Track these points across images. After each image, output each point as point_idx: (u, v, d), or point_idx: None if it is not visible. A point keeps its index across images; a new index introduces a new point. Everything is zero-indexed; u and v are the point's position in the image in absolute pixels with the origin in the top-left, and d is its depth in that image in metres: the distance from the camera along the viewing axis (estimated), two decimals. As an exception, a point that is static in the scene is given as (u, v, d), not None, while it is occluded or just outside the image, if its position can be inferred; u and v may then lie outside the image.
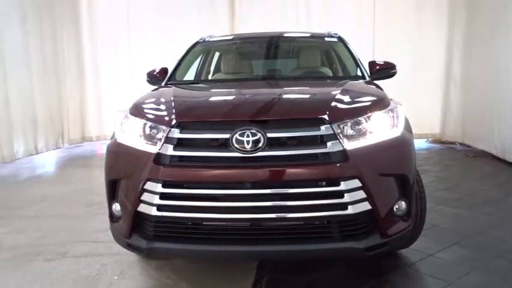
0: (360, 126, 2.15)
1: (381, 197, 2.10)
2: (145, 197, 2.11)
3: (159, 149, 2.11)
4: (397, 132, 2.27)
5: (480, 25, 6.72)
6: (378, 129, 2.20)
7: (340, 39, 3.68)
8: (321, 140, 2.05)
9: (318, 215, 2.03)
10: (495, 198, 4.16)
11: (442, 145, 7.73)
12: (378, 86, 2.92)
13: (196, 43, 3.83)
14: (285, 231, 2.08)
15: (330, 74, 3.47)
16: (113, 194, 2.31)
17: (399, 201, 2.21)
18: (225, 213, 2.05)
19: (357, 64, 3.33)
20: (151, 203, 2.10)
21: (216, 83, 3.57)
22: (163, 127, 2.15)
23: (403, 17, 7.91)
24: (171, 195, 2.09)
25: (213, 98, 2.69)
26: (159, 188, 2.07)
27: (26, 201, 4.39)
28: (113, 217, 2.37)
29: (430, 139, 8.10)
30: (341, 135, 2.06)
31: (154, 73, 3.53)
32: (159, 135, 2.15)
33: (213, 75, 3.90)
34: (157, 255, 2.21)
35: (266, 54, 3.76)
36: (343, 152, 2.04)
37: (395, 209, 2.20)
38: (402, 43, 7.94)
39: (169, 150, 2.09)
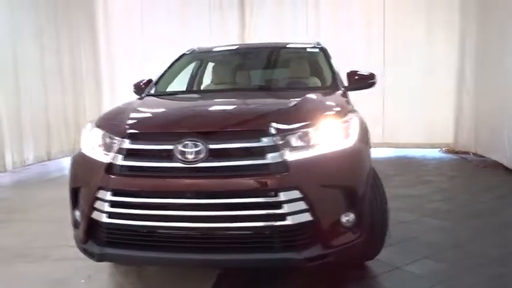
0: (305, 138, 2.18)
1: (323, 208, 2.11)
2: (97, 204, 2.22)
3: (112, 159, 2.22)
4: (347, 143, 2.27)
5: (492, 31, 6.54)
6: (325, 140, 2.21)
7: (322, 49, 3.70)
8: (261, 152, 2.09)
9: (257, 225, 2.07)
10: (488, 211, 4.04)
11: (455, 155, 7.52)
12: (345, 96, 2.93)
13: (183, 55, 3.95)
14: (228, 240, 2.13)
15: (302, 84, 3.49)
16: (74, 201, 2.43)
17: (347, 213, 2.21)
18: (169, 221, 2.12)
19: (333, 75, 3.34)
20: (102, 210, 2.20)
21: (187, 94, 3.64)
22: (117, 138, 2.26)
23: (414, 23, 7.86)
24: (121, 203, 2.18)
25: (168, 110, 2.77)
26: (109, 196, 2.17)
27: (33, 205, 4.66)
28: (75, 223, 2.49)
29: (443, 149, 7.91)
30: (283, 147, 2.10)
31: (141, 84, 3.67)
32: (114, 146, 2.26)
33: (194, 86, 4.00)
34: (109, 261, 2.29)
35: (245, 66, 3.84)
36: (284, 163, 2.07)
37: (343, 221, 2.20)
38: (413, 50, 7.87)
39: (119, 160, 2.19)
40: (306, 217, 2.08)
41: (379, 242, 2.64)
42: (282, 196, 2.04)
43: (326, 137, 2.23)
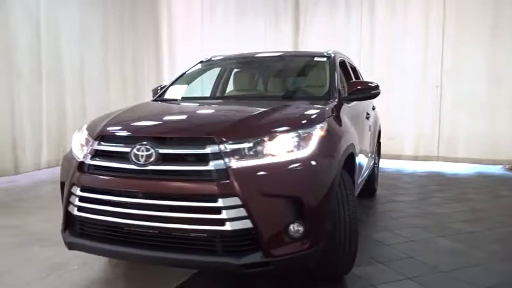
0: (252, 148, 2.21)
1: (265, 216, 2.13)
2: (71, 198, 2.46)
3: (83, 158, 2.45)
4: (298, 154, 2.27)
5: None
6: (272, 151, 2.23)
7: (329, 59, 3.65)
8: (206, 158, 2.17)
9: (198, 228, 2.15)
10: (515, 237, 3.68)
11: (520, 174, 6.86)
12: (334, 107, 2.90)
13: (200, 62, 4.14)
14: (175, 240, 2.23)
15: (292, 94, 3.48)
16: (62, 194, 2.71)
17: (294, 223, 2.21)
18: (125, 218, 2.28)
19: (331, 85, 3.29)
20: (74, 204, 2.44)
21: (182, 101, 3.67)
22: (91, 139, 2.49)
23: (476, 27, 7.28)
24: (87, 198, 2.39)
25: (139, 115, 2.89)
26: (78, 191, 2.41)
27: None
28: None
29: (506, 166, 7.23)
30: (228, 155, 2.16)
31: (158, 89, 3.93)
32: (88, 146, 2.49)
33: (194, 93, 4.09)
34: (79, 250, 2.51)
35: (245, 75, 3.94)
36: (225, 171, 2.13)
37: (290, 230, 2.21)
38: (474, 59, 7.31)
39: (88, 159, 2.42)
40: (246, 224, 2.11)
41: (347, 257, 2.57)
42: (221, 202, 2.10)
43: (274, 147, 2.24)
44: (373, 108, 5.01)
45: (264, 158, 2.21)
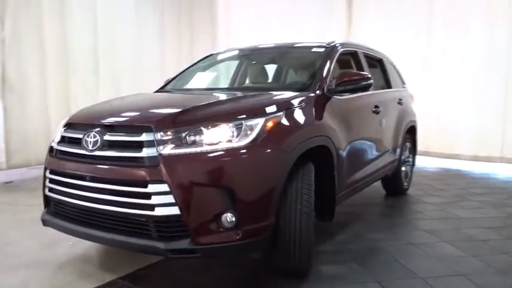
0: (189, 136, 2.24)
1: (193, 204, 2.16)
2: (46, 180, 2.71)
3: (53, 143, 2.69)
4: (237, 145, 2.25)
5: None
6: (211, 140, 2.24)
7: (327, 49, 3.52)
8: (141, 146, 2.24)
9: (132, 213, 2.24)
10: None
11: None
12: (312, 99, 2.86)
13: (209, 55, 4.24)
14: (116, 222, 2.34)
15: (275, 85, 3.39)
16: None
17: (226, 213, 2.21)
18: (78, 199, 2.45)
19: (319, 76, 3.18)
20: (46, 185, 2.69)
21: (174, 92, 3.75)
22: (62, 126, 2.72)
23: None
24: (53, 180, 2.61)
25: (104, 105, 3.01)
26: (48, 173, 2.65)
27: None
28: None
29: None
30: (161, 143, 2.21)
31: (169, 81, 4.11)
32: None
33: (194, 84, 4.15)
34: (51, 227, 2.73)
35: (242, 68, 3.93)
36: (157, 158, 2.19)
37: (221, 220, 2.21)
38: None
39: (55, 144, 2.65)
40: (174, 210, 2.16)
41: (299, 253, 2.49)
42: (151, 188, 2.18)
43: (210, 137, 2.25)
44: (400, 103, 4.70)
45: (198, 147, 2.24)
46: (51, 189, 2.66)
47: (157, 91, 3.83)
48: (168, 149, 2.21)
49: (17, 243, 3.31)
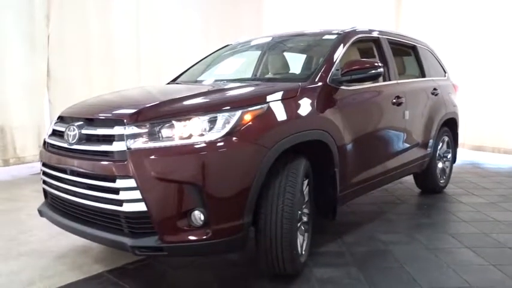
0: (160, 130, 2.15)
1: (160, 201, 2.08)
2: (41, 173, 2.78)
3: (46, 136, 2.74)
4: (208, 139, 2.12)
5: None
6: (183, 134, 2.14)
7: (339, 36, 3.27)
8: (111, 139, 2.20)
9: (104, 207, 2.21)
10: None
11: None
12: (308, 90, 2.70)
13: (226, 46, 4.14)
14: (92, 216, 2.33)
15: (277, 76, 3.21)
16: None
17: (194, 211, 2.12)
18: (61, 192, 2.47)
19: (323, 65, 2.96)
20: (41, 177, 2.75)
21: (181, 83, 3.71)
22: (54, 120, 2.76)
23: None
24: (44, 172, 2.67)
25: (94, 99, 2.97)
26: (41, 166, 2.71)
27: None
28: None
29: None
30: (130, 137, 2.15)
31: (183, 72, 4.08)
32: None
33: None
34: (46, 219, 2.77)
35: (261, 57, 3.79)
36: (125, 152, 2.13)
37: (190, 218, 2.12)
38: None
39: (47, 137, 2.69)
40: (141, 207, 2.10)
41: (280, 255, 2.34)
42: (119, 183, 2.13)
43: (182, 131, 2.15)
44: (435, 93, 4.30)
45: (168, 141, 2.15)
46: (44, 182, 2.72)
47: (168, 83, 3.81)
48: (138, 144, 2.15)
49: (31, 232, 3.45)
